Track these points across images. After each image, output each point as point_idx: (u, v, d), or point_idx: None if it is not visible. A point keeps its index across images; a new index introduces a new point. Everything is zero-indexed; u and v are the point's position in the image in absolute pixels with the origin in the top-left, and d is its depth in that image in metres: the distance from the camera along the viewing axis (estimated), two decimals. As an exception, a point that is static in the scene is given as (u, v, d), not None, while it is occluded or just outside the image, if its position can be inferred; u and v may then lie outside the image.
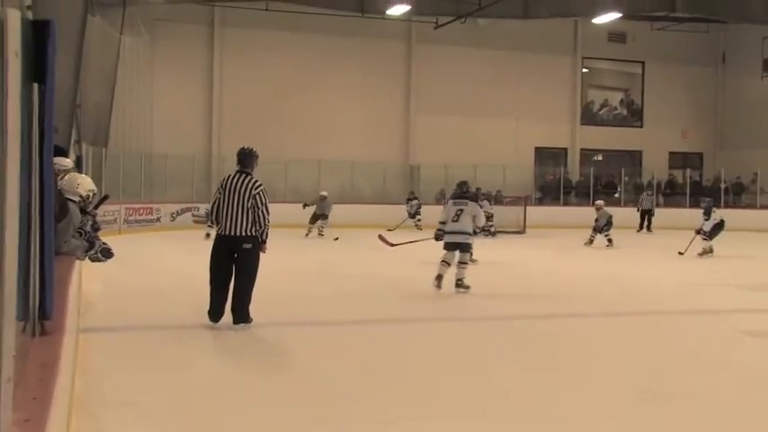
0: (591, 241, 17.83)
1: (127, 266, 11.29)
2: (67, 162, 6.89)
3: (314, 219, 19.71)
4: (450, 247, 9.70)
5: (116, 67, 21.20)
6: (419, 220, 22.47)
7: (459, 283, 9.61)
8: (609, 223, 17.77)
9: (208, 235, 17.46)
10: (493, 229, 21.05)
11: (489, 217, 21.17)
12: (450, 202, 10.09)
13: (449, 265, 9.64)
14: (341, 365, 5.87)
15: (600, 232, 17.76)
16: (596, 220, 17.99)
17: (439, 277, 9.53)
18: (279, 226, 19.31)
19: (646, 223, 23.92)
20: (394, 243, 10.93)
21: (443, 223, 9.90)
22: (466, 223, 9.70)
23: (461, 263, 9.70)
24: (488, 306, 9.12)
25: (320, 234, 19.50)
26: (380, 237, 11.28)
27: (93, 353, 5.81)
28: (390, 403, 4.89)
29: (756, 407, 5.02)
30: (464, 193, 10.16)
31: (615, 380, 5.56)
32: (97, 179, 7.18)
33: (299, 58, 26.22)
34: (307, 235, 19.44)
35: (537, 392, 5.20)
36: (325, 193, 20.07)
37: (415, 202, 23.52)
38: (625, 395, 5.19)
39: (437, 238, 9.91)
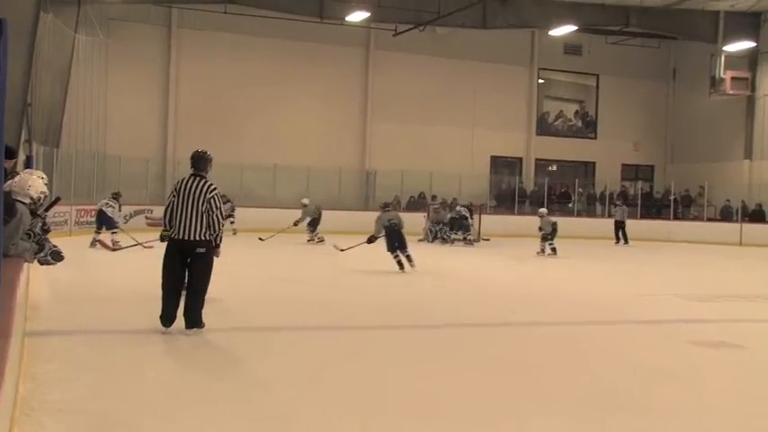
0: (542, 251, 17.93)
1: (77, 269, 11.08)
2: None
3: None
4: None
5: (70, 66, 20.82)
6: (232, 223, 21.13)
7: None
8: (554, 231, 17.89)
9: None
10: (471, 237, 21.16)
11: (463, 220, 21.29)
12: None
13: None
14: (290, 371, 5.82)
15: (545, 240, 17.85)
16: (540, 229, 18.07)
17: None
18: (233, 230, 19.23)
19: (621, 234, 24.04)
20: (114, 248, 10.25)
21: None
22: None
23: None
24: (436, 314, 9.10)
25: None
26: (101, 242, 10.44)
27: (39, 358, 5.66)
28: (339, 411, 4.86)
29: (706, 417, 5.11)
30: None
31: (565, 391, 5.56)
32: (48, 180, 7.01)
33: (256, 62, 26.07)
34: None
35: (485, 403, 5.19)
36: (306, 201, 20.47)
37: (228, 204, 21.87)
38: (577, 408, 5.19)
39: (162, 239, 9.33)
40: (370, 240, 13.55)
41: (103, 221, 16.12)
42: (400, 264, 13.09)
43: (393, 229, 13.17)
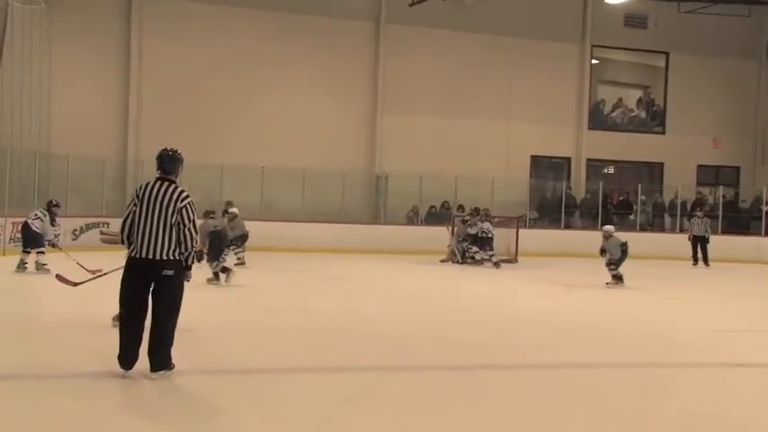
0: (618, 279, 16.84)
1: (11, 298, 11.04)
2: None
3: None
4: None
5: (2, 42, 20.85)
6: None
7: None
8: (624, 254, 17.03)
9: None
10: (495, 259, 20.94)
11: (489, 239, 21.07)
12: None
13: None
14: (282, 425, 5.78)
15: (610, 266, 16.96)
16: (603, 252, 17.15)
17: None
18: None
19: (701, 254, 23.74)
20: (77, 282, 10.32)
21: None
22: None
23: None
24: (462, 352, 9.06)
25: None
26: (59, 277, 10.51)
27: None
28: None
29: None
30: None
31: None
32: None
33: (240, 40, 26.11)
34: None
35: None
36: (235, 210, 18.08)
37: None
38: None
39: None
40: (200, 258, 13.54)
41: (29, 239, 15.80)
42: (225, 269, 14.36)
43: (223, 236, 15.04)
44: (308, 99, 26.88)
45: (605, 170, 31.24)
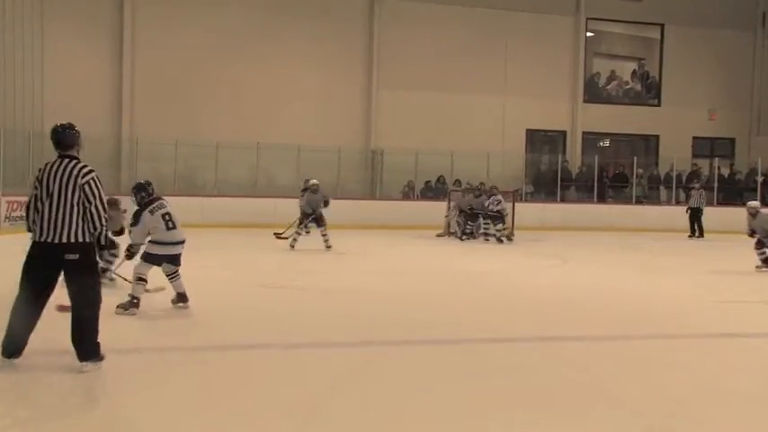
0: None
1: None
2: None
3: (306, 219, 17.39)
4: (164, 259, 9.15)
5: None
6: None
7: (185, 297, 9.29)
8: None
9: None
10: (506, 232, 20.74)
11: (501, 216, 20.76)
12: (148, 211, 9.16)
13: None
14: (275, 400, 5.72)
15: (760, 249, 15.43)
16: (753, 233, 15.57)
17: (137, 303, 8.90)
18: (207, 226, 19.14)
19: (696, 225, 23.83)
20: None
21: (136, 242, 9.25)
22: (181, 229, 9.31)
23: (176, 273, 9.30)
24: (460, 326, 9.04)
25: (327, 245, 16.96)
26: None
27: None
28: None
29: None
30: (152, 195, 9.41)
31: (625, 421, 5.51)
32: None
33: (234, 17, 26.01)
34: (293, 246, 17.11)
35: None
36: (315, 182, 17.68)
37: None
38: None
39: (130, 256, 9.28)
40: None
41: None
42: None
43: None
44: (302, 75, 26.77)
45: (601, 143, 31.17)
